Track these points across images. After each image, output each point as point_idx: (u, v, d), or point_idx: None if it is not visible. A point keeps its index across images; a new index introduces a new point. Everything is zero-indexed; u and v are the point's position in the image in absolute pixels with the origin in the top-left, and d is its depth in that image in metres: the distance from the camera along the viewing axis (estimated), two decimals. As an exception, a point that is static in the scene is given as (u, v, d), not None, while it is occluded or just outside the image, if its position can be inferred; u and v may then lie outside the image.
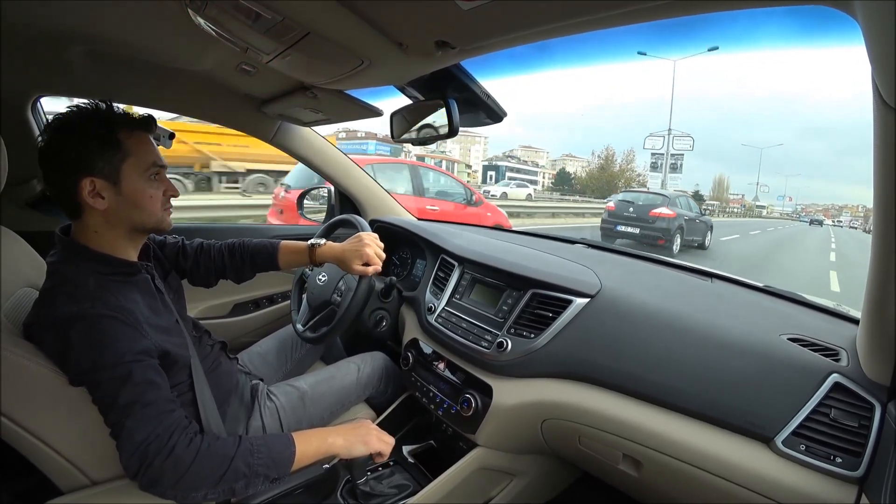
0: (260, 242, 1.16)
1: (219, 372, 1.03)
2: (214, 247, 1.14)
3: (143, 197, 0.83)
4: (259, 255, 1.15)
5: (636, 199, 8.69)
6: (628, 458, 0.92)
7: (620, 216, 8.36)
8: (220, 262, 1.14)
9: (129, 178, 0.81)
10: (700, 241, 9.27)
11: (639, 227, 8.13)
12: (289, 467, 0.80)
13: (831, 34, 0.64)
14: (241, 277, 1.18)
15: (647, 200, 8.54)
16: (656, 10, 0.58)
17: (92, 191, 0.78)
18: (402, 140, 1.20)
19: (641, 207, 8.31)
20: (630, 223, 8.24)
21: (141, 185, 0.83)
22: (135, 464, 0.69)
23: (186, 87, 1.40)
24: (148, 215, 0.85)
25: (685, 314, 0.94)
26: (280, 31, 0.77)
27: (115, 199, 0.80)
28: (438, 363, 1.22)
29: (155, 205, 0.85)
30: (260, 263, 1.16)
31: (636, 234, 8.13)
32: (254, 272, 1.18)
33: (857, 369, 0.74)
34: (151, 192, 0.84)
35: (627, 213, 8.37)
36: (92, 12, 0.95)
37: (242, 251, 1.15)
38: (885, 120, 0.48)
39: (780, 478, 0.73)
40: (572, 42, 0.73)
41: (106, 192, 0.79)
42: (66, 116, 0.80)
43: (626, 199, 8.72)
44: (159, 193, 0.86)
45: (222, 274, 1.15)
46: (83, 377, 0.72)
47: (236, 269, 1.15)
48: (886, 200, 0.54)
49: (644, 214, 8.16)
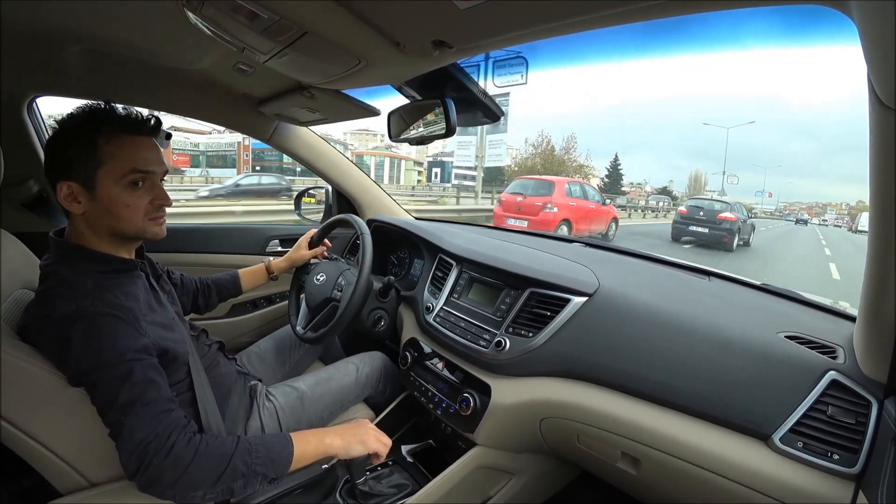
0: (223, 275, 1.35)
1: (217, 372, 1.03)
2: (186, 278, 1.26)
3: (118, 205, 0.80)
4: (222, 285, 1.34)
5: (704, 205, 10.65)
6: (627, 457, 0.92)
7: (692, 218, 10.38)
8: (194, 289, 1.27)
9: (104, 185, 0.79)
10: (746, 240, 11.07)
11: (707, 228, 10.07)
12: (287, 467, 0.80)
13: (820, 33, 0.64)
14: (207, 306, 1.32)
15: (713, 206, 10.50)
16: (651, 9, 0.58)
17: (68, 195, 0.78)
18: (400, 139, 1.20)
19: (709, 212, 10.28)
20: (700, 224, 10.20)
21: (116, 193, 0.79)
22: (134, 463, 0.69)
23: (183, 87, 1.40)
24: (126, 224, 0.82)
25: (683, 312, 0.95)
26: (277, 31, 0.76)
27: (90, 204, 0.79)
28: (437, 362, 1.22)
29: (134, 213, 0.82)
30: (224, 292, 1.34)
31: (705, 233, 10.10)
32: (219, 300, 1.34)
33: (854, 367, 0.75)
34: (129, 200, 0.81)
35: (698, 216, 10.33)
36: (88, 12, 0.95)
37: (208, 283, 1.31)
38: (882, 120, 0.48)
39: (777, 475, 0.73)
40: (564, 42, 0.74)
41: (81, 197, 0.79)
42: (63, 118, 0.80)
43: (696, 205, 10.77)
44: (141, 202, 0.82)
45: (195, 302, 1.28)
46: (82, 376, 0.72)
47: (205, 297, 1.30)
48: (883, 200, 0.54)
49: (712, 217, 10.11)
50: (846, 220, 38.65)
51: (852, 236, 20.08)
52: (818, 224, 39.16)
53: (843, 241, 17.34)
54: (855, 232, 21.83)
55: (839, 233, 24.53)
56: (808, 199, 67.10)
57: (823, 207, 67.73)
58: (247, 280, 1.37)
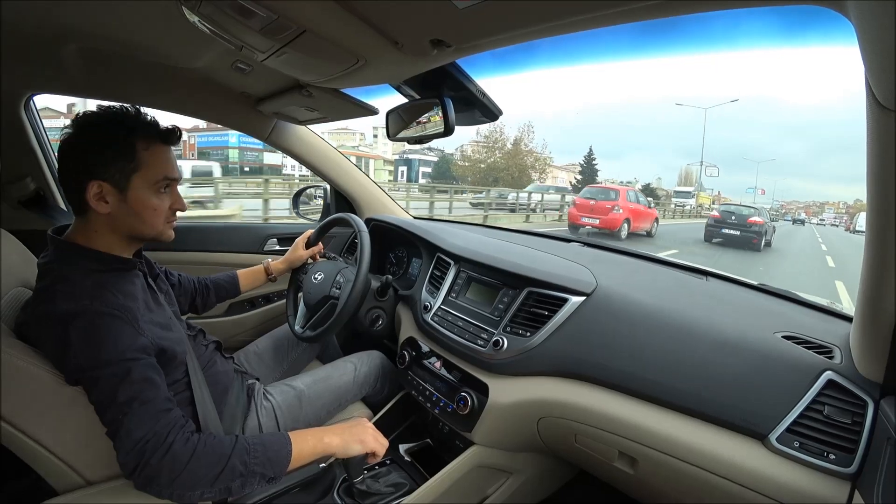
0: (222, 275, 1.35)
1: (215, 371, 1.03)
2: (185, 278, 1.26)
3: (147, 209, 0.83)
4: (221, 285, 1.34)
5: (736, 210, 12.19)
6: (624, 456, 0.92)
7: (724, 222, 11.81)
8: (192, 289, 1.26)
9: (137, 188, 0.81)
10: (769, 240, 12.51)
11: (739, 231, 11.41)
12: (285, 466, 0.79)
13: (817, 33, 0.64)
14: (205, 306, 1.31)
15: (742, 211, 12.07)
16: (649, 9, 0.58)
17: (98, 194, 0.79)
18: (398, 139, 1.19)
19: (740, 216, 11.72)
20: (732, 227, 11.56)
21: (146, 197, 0.83)
22: (132, 461, 0.69)
23: (181, 86, 1.40)
24: (149, 227, 0.85)
25: (680, 312, 0.95)
26: (275, 30, 0.76)
27: (118, 205, 0.81)
28: (435, 362, 1.22)
29: (157, 217, 0.85)
30: (223, 293, 1.34)
31: (737, 236, 11.39)
32: (217, 300, 1.34)
33: (851, 367, 0.75)
34: (156, 204, 0.84)
35: (730, 220, 11.73)
36: (86, 10, 0.95)
37: (207, 283, 1.31)
38: (879, 120, 0.48)
39: (774, 474, 0.73)
40: (564, 41, 0.74)
41: (111, 198, 0.80)
42: (92, 115, 0.81)
43: (728, 210, 12.37)
44: (164, 206, 0.86)
45: (193, 301, 1.28)
46: (80, 375, 0.72)
47: (203, 297, 1.29)
48: (880, 200, 0.55)
49: (743, 222, 11.53)
50: (844, 220, 38.11)
51: (849, 236, 20.20)
52: (816, 224, 38.83)
53: (838, 239, 17.98)
54: (853, 232, 21.91)
55: (836, 232, 24.69)
56: (806, 197, 66.92)
57: (821, 206, 66.97)
58: (245, 281, 1.38)
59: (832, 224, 39.60)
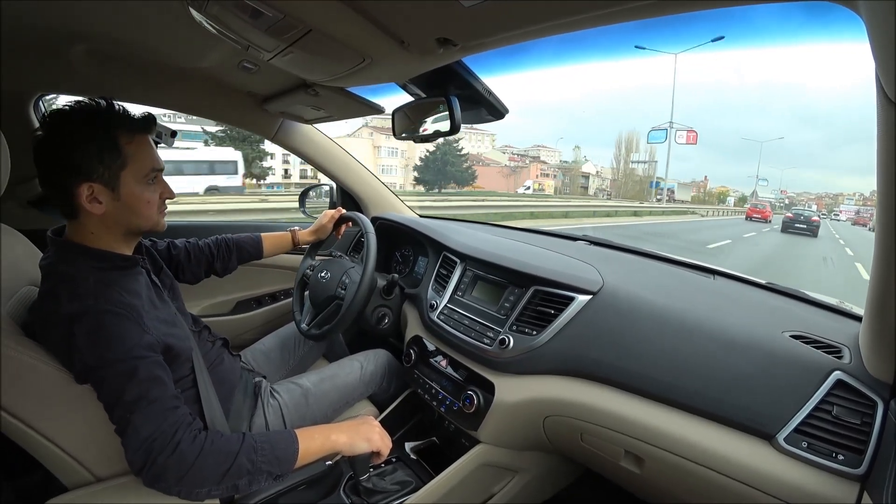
0: (244, 235, 1.30)
1: (221, 368, 1.04)
2: (201, 241, 1.23)
3: (141, 202, 0.83)
4: (244, 248, 1.29)
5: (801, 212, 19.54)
6: (630, 455, 0.92)
7: (796, 220, 17.61)
8: (209, 253, 1.23)
9: (128, 184, 0.81)
10: (815, 234, 17.36)
11: (805, 225, 17.14)
12: (292, 464, 0.80)
13: (832, 29, 0.64)
14: (226, 269, 1.27)
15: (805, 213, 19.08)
16: (660, 6, 0.58)
17: (90, 196, 0.78)
18: (404, 137, 1.20)
19: (806, 217, 18.08)
20: (802, 223, 17.28)
21: (139, 191, 0.82)
22: (140, 459, 0.69)
23: (188, 85, 1.40)
24: (145, 219, 0.85)
25: (687, 311, 0.94)
26: (281, 29, 0.76)
27: (112, 204, 0.80)
28: (441, 360, 1.22)
29: (151, 209, 0.85)
30: (245, 255, 1.30)
31: (804, 229, 16.85)
32: (238, 263, 1.29)
33: (860, 366, 0.74)
34: (149, 196, 0.84)
35: (800, 219, 17.72)
36: (94, 11, 0.95)
37: (228, 243, 1.27)
38: (889, 116, 0.48)
39: (782, 475, 0.73)
40: (570, 39, 0.73)
41: (103, 197, 0.79)
42: (65, 113, 0.78)
43: (798, 212, 19.51)
44: (156, 197, 0.86)
45: (210, 265, 1.24)
46: (88, 374, 0.72)
47: (223, 259, 1.25)
48: (890, 196, 0.54)
49: (808, 220, 17.66)
50: (870, 215, 32.47)
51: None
52: (830, 220, 34.73)
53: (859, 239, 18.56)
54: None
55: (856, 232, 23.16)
56: (818, 188, 65.16)
57: (834, 198, 63.70)
58: (270, 245, 1.35)
59: (855, 223, 32.20)
